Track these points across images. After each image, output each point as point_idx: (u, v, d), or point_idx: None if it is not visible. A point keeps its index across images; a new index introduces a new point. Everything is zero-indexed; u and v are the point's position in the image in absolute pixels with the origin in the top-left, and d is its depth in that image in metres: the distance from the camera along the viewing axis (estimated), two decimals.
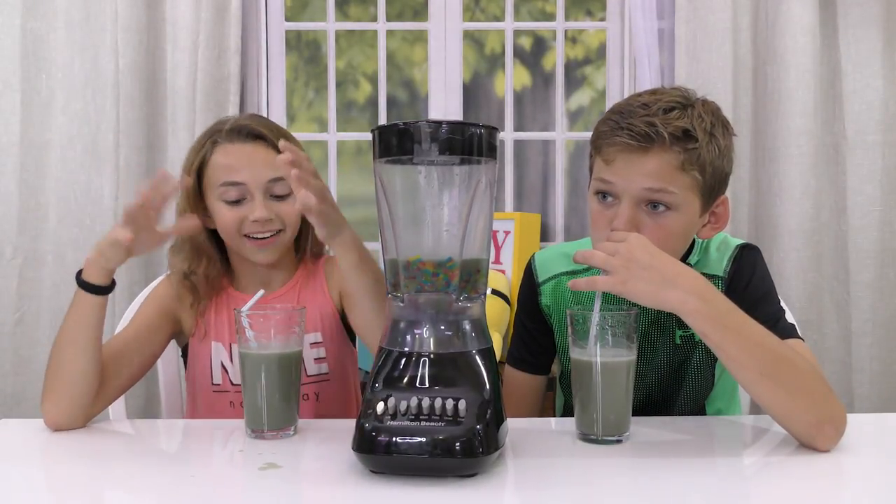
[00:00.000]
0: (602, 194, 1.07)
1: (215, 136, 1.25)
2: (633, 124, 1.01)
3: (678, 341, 1.17)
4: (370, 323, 1.09)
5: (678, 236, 1.07)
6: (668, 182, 1.02)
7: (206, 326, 1.28)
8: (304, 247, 1.32)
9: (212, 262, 1.28)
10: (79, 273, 1.12)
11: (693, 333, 1.13)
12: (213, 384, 1.27)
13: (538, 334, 1.27)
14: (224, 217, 1.23)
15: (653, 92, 1.07)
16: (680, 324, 1.14)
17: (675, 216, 1.04)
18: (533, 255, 1.30)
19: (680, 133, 1.01)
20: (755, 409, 1.36)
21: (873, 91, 2.06)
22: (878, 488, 0.87)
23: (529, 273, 1.29)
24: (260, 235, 1.22)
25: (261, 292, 1.10)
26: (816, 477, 0.88)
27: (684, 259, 1.16)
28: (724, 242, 1.19)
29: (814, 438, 0.93)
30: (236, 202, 1.22)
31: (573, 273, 1.23)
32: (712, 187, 1.06)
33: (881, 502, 0.83)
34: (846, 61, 2.06)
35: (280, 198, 1.23)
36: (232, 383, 1.27)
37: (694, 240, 1.18)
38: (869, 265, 2.06)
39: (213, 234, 1.28)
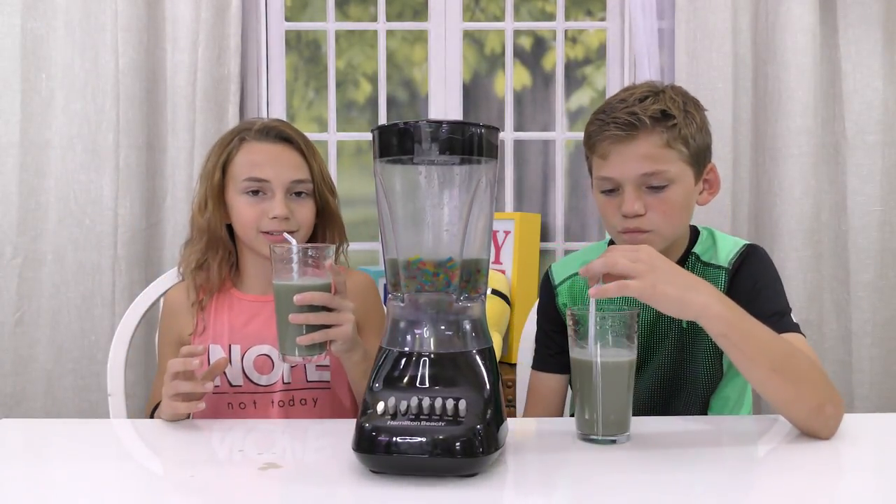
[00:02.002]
0: (607, 191, 1.17)
1: (243, 133, 1.30)
2: (617, 117, 1.13)
3: (685, 325, 1.20)
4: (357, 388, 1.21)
5: (682, 206, 1.16)
6: (660, 162, 1.12)
7: (205, 323, 1.30)
8: None
9: (227, 255, 1.32)
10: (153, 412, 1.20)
11: None
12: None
13: (556, 335, 1.30)
14: (243, 211, 1.27)
15: (626, 89, 1.19)
16: None
17: (675, 188, 1.14)
18: (550, 266, 1.37)
19: (658, 114, 1.12)
20: (756, 408, 1.36)
21: (873, 91, 2.06)
22: (879, 489, 0.87)
23: (546, 280, 1.35)
24: (276, 232, 1.26)
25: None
26: (818, 477, 0.88)
27: (690, 247, 1.23)
28: (732, 241, 1.24)
29: (815, 420, 0.97)
30: (256, 196, 1.26)
31: None
32: (698, 156, 1.17)
33: (883, 503, 0.83)
34: (846, 61, 2.06)
35: (298, 199, 1.29)
36: (230, 385, 1.27)
37: (699, 230, 1.25)
38: (869, 265, 2.06)
39: (228, 230, 1.33)
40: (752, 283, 1.16)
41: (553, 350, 1.30)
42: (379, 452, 0.82)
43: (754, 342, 0.95)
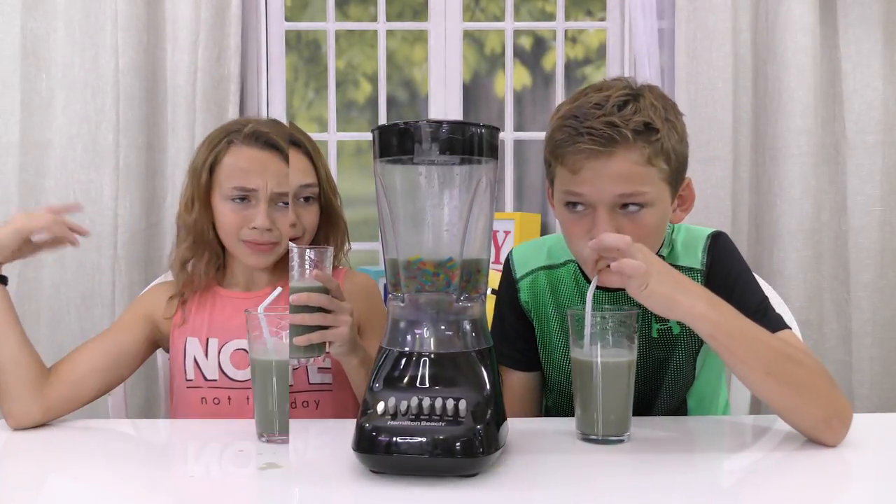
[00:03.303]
0: (573, 204, 1.05)
1: (232, 135, 1.27)
2: (594, 127, 0.99)
3: (655, 335, 1.16)
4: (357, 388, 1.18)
5: (657, 230, 1.08)
6: (639, 182, 1.01)
7: (185, 316, 1.29)
8: None
9: (213, 256, 1.30)
10: None
11: (671, 326, 1.14)
12: (186, 379, 1.27)
13: (522, 331, 1.25)
14: (226, 218, 1.26)
15: (599, 89, 1.05)
16: (657, 317, 1.11)
17: (651, 211, 1.04)
18: (511, 251, 1.28)
19: (642, 127, 1.00)
20: (756, 403, 1.35)
21: (873, 91, 2.06)
22: (879, 489, 0.87)
23: (508, 269, 1.27)
24: (255, 243, 1.24)
25: (278, 290, 1.08)
26: (818, 476, 0.88)
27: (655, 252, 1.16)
28: (691, 233, 1.18)
29: (822, 433, 0.95)
30: (242, 203, 1.25)
31: (550, 267, 1.23)
32: (678, 172, 1.07)
33: (883, 502, 0.83)
34: (846, 61, 2.06)
35: (304, 203, 1.28)
36: (205, 378, 1.26)
37: None
38: (869, 265, 2.06)
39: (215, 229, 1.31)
40: (723, 277, 1.12)
41: (519, 346, 1.24)
42: (379, 452, 0.83)
43: (744, 343, 0.93)
